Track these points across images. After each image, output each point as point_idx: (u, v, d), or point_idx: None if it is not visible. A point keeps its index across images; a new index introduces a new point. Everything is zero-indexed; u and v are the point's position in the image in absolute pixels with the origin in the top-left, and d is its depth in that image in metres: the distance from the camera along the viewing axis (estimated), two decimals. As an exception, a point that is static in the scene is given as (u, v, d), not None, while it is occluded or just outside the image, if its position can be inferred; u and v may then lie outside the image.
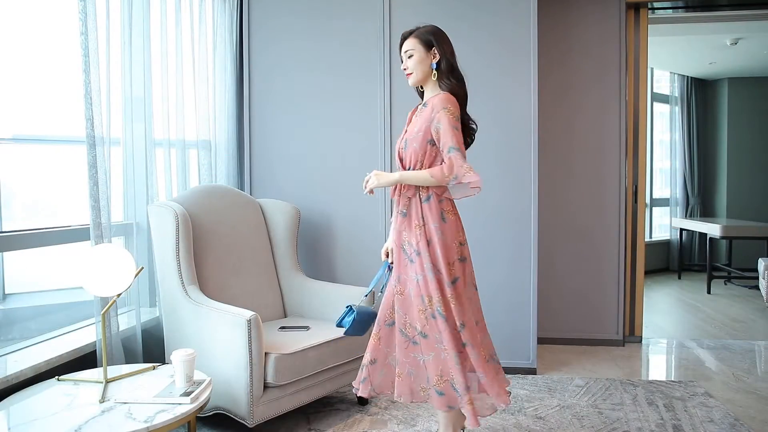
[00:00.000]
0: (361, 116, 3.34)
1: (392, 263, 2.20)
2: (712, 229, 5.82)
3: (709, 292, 5.73)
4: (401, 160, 2.17)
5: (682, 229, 6.81)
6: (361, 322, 2.26)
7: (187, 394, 1.88)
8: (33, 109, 2.63)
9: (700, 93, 7.27)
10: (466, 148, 2.21)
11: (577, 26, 3.86)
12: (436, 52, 2.12)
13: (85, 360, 2.33)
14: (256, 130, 3.44)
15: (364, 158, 3.32)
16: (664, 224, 7.39)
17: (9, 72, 2.49)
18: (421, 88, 2.22)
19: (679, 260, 6.76)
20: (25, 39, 2.53)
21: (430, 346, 2.05)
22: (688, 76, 7.13)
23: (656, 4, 4.07)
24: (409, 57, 2.14)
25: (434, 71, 2.12)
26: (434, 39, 2.12)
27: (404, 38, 2.18)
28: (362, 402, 2.80)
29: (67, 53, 2.51)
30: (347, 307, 2.30)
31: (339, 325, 2.29)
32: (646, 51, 3.98)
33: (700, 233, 6.88)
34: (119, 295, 2.07)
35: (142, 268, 2.28)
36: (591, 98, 3.87)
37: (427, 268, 2.04)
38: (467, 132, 2.18)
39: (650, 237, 7.17)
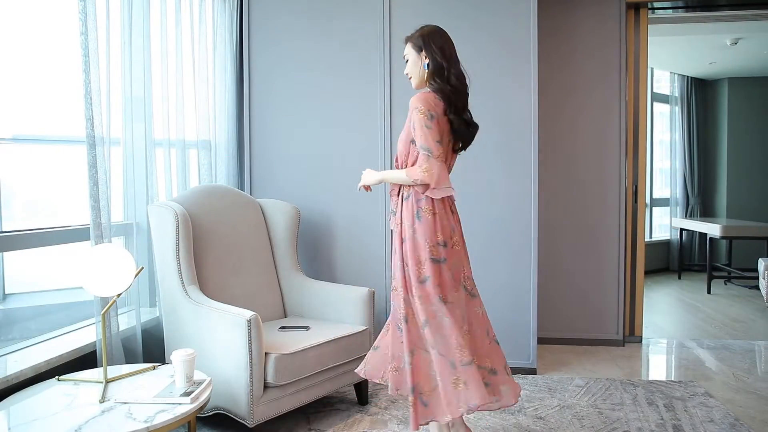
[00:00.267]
0: (361, 116, 3.34)
1: None
2: (712, 229, 5.82)
3: (709, 292, 5.73)
4: (396, 160, 2.24)
5: (682, 229, 6.81)
6: None
7: (187, 394, 1.88)
8: (33, 109, 2.63)
9: (700, 93, 7.27)
10: (463, 149, 2.22)
11: (577, 26, 3.86)
12: (425, 54, 2.14)
13: (85, 360, 2.33)
14: (256, 130, 3.44)
15: (364, 158, 3.32)
16: (664, 224, 7.39)
17: (9, 72, 2.49)
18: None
19: (679, 260, 6.76)
20: (26, 39, 2.53)
21: None
22: (688, 76, 7.13)
23: (656, 4, 4.07)
24: (406, 61, 2.20)
25: (426, 72, 2.15)
26: (423, 41, 2.15)
27: (405, 43, 2.23)
28: (362, 402, 2.80)
29: (67, 53, 2.51)
30: None
31: None
32: (646, 51, 3.98)
33: (700, 233, 6.88)
34: (119, 295, 2.07)
35: (142, 268, 2.28)
36: (591, 98, 3.87)
37: (398, 266, 2.10)
38: (459, 132, 2.15)
39: (650, 237, 7.17)
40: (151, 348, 2.74)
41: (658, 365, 3.67)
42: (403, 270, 2.08)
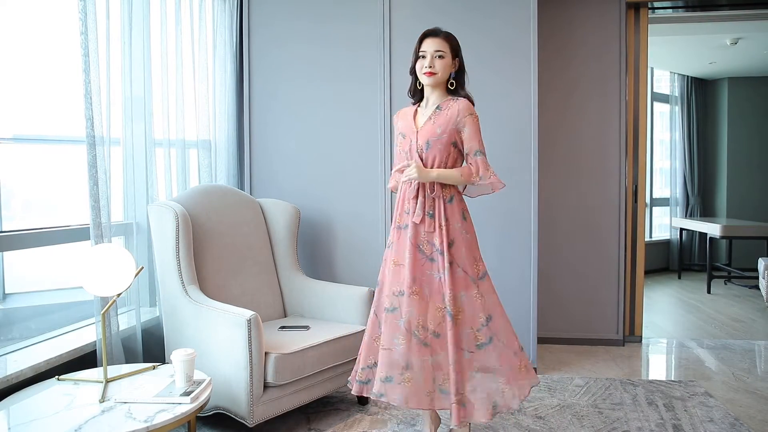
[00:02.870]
0: (360, 116, 3.34)
1: None
2: (712, 228, 5.82)
3: (709, 292, 5.73)
4: (421, 160, 2.17)
5: (682, 229, 6.81)
6: None
7: (187, 393, 1.88)
8: (33, 109, 2.62)
9: (700, 93, 7.26)
10: None
11: (577, 26, 3.86)
12: (457, 62, 2.21)
13: (85, 360, 2.33)
14: (256, 130, 3.44)
15: (364, 158, 3.32)
16: (664, 224, 7.39)
17: (9, 72, 2.49)
18: (419, 86, 2.25)
19: (679, 260, 6.76)
20: (26, 39, 2.53)
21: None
22: (688, 76, 7.13)
23: (656, 4, 4.07)
24: (439, 57, 2.15)
25: (452, 80, 2.20)
26: (458, 49, 2.21)
27: (433, 35, 2.17)
28: (362, 401, 2.80)
29: (67, 53, 2.51)
30: None
31: None
32: (646, 51, 3.98)
33: (700, 233, 6.88)
34: (119, 295, 2.07)
35: (142, 267, 2.28)
36: (591, 98, 3.86)
37: (447, 270, 2.11)
38: None
39: (650, 237, 7.17)
40: (151, 348, 2.74)
41: (658, 365, 3.67)
42: (454, 273, 2.11)
